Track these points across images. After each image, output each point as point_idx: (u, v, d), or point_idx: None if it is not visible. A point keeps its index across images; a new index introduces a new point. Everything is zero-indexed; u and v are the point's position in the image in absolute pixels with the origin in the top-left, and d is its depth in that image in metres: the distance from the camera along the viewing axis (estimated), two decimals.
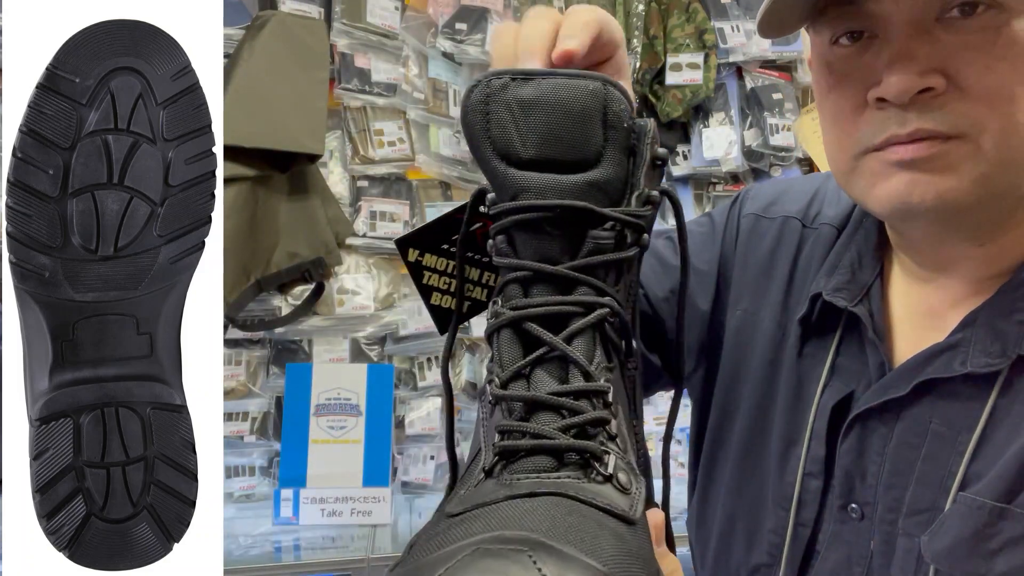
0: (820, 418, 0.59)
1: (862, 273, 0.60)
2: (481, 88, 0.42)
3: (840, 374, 0.59)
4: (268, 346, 1.70)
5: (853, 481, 0.57)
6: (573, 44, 0.42)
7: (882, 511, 0.54)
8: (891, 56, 0.47)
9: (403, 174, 1.79)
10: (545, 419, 0.38)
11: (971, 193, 0.47)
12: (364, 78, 1.71)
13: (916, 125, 0.47)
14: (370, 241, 1.73)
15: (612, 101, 0.41)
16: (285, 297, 1.67)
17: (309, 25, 1.63)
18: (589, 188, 0.41)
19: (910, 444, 0.54)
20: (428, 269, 0.56)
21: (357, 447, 1.62)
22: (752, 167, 1.93)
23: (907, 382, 0.54)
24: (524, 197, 0.41)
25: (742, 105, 1.95)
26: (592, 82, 0.41)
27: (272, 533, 1.57)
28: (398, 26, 1.75)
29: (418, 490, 1.74)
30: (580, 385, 0.39)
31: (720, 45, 1.88)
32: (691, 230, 0.74)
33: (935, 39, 0.47)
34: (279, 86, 1.54)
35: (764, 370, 0.65)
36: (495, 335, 0.42)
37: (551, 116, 0.40)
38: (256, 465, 1.69)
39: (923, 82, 0.46)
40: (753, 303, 0.67)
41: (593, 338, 0.41)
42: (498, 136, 0.41)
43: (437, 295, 0.56)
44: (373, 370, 1.67)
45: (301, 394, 1.64)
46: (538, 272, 0.41)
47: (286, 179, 1.61)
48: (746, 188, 0.75)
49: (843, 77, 0.52)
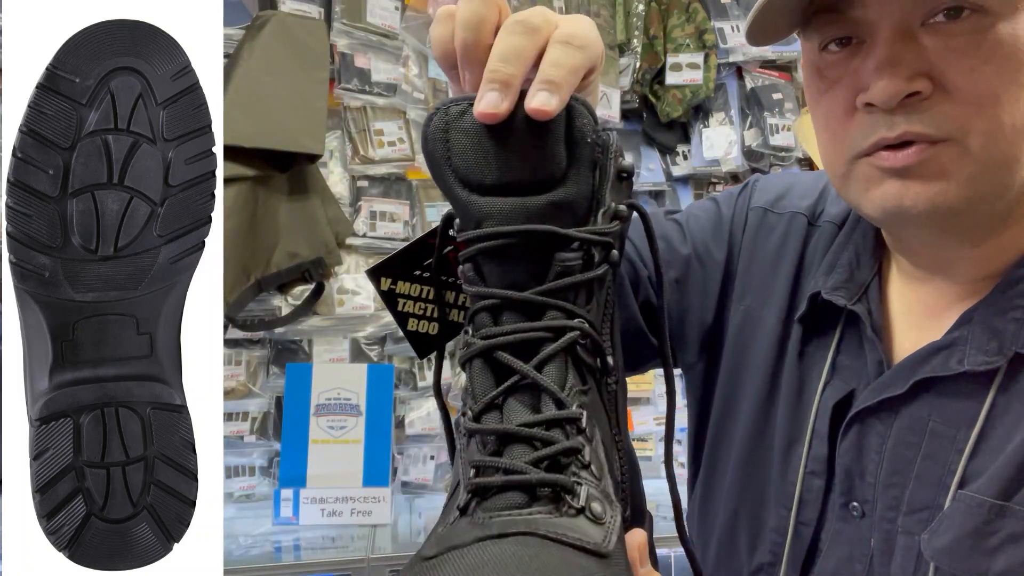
0: (821, 417, 0.59)
1: (860, 272, 0.61)
2: (440, 116, 0.41)
3: (841, 373, 0.60)
4: (268, 346, 1.70)
5: (853, 479, 0.57)
6: (553, 104, 0.39)
7: (881, 509, 0.54)
8: (878, 62, 0.48)
9: (403, 174, 1.79)
10: (517, 452, 0.38)
11: (962, 196, 0.48)
12: (364, 78, 1.71)
13: (904, 128, 0.47)
14: (370, 241, 1.73)
15: (574, 116, 0.40)
16: (285, 297, 1.66)
17: (309, 25, 1.63)
18: (554, 209, 0.40)
19: (909, 442, 0.54)
20: (402, 296, 0.55)
21: (357, 447, 1.62)
22: (752, 167, 1.93)
23: (905, 380, 0.54)
24: (488, 224, 0.40)
25: (742, 105, 1.95)
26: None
27: (272, 533, 1.57)
28: (398, 26, 1.75)
29: (418, 490, 1.74)
30: (552, 414, 0.39)
31: (720, 45, 1.88)
32: (696, 214, 0.73)
33: (921, 44, 0.47)
34: (279, 86, 1.54)
35: (766, 369, 0.65)
36: (467, 365, 0.42)
37: (511, 139, 0.39)
38: (256, 465, 1.69)
39: (910, 86, 0.47)
40: (757, 300, 0.67)
41: (565, 363, 0.40)
42: (459, 163, 0.40)
43: (414, 321, 0.56)
44: (373, 370, 1.67)
45: (301, 394, 1.64)
46: (505, 299, 0.41)
47: (286, 179, 1.61)
48: (754, 178, 0.75)
49: (833, 83, 0.52)
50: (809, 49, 0.55)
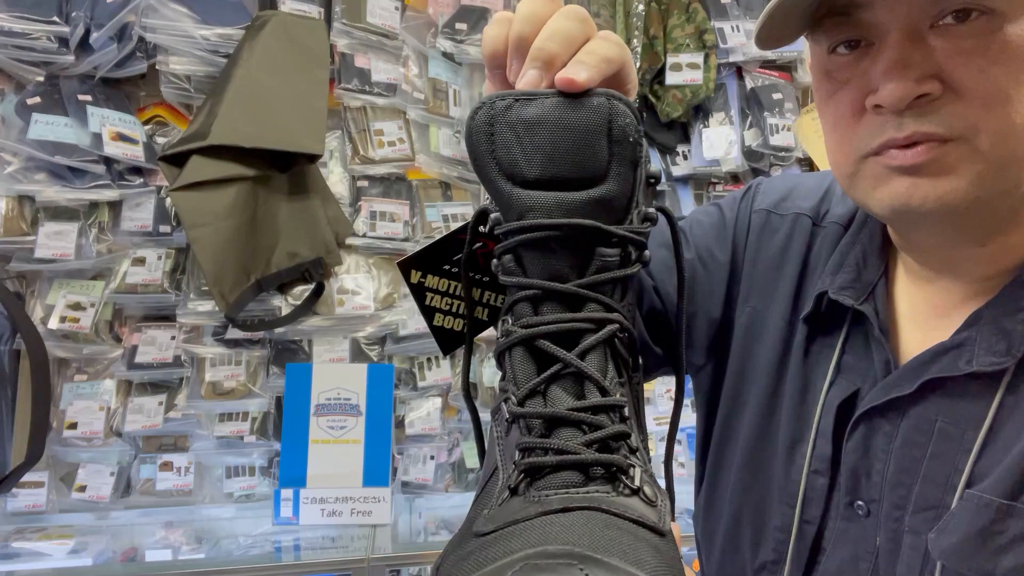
0: (826, 416, 0.60)
1: (867, 272, 0.61)
2: (485, 110, 0.42)
3: (846, 372, 0.60)
4: (268, 346, 1.70)
5: (859, 479, 0.57)
6: (583, 76, 0.41)
7: (888, 508, 0.55)
8: (887, 64, 0.48)
9: (403, 174, 1.79)
10: (567, 435, 0.39)
11: (970, 194, 0.48)
12: (364, 78, 1.71)
13: (913, 128, 0.48)
14: (370, 241, 1.73)
15: (617, 116, 0.41)
16: (285, 297, 1.66)
17: (309, 25, 1.63)
18: (595, 205, 0.41)
19: (916, 442, 0.54)
20: (431, 290, 0.56)
21: (357, 447, 1.62)
22: (752, 167, 1.93)
23: (912, 380, 0.54)
24: (531, 216, 0.41)
25: (742, 105, 1.95)
26: (596, 98, 0.41)
27: (272, 533, 1.57)
28: (398, 26, 1.75)
29: (418, 490, 1.74)
30: (597, 400, 0.40)
31: (720, 45, 1.88)
32: (699, 220, 0.74)
33: (929, 46, 0.47)
34: (279, 86, 1.54)
35: (771, 369, 0.65)
36: (507, 354, 0.43)
37: (555, 135, 0.40)
38: (256, 465, 1.69)
39: (919, 88, 0.47)
40: (762, 301, 0.68)
41: (605, 354, 0.41)
42: (503, 157, 0.41)
43: (440, 316, 0.57)
44: (373, 370, 1.67)
45: (301, 394, 1.64)
46: (548, 290, 0.42)
47: (286, 179, 1.61)
48: (756, 181, 0.75)
49: (842, 84, 0.53)
50: (818, 52, 0.55)
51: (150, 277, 1.61)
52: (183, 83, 1.62)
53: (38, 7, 1.48)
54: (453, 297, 0.56)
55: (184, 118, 1.67)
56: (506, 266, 0.43)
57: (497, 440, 0.42)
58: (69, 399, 1.60)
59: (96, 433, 1.59)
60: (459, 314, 0.56)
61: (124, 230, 1.61)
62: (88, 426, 1.58)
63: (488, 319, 0.55)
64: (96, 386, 1.62)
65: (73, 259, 1.56)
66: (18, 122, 1.52)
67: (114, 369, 1.63)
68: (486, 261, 0.52)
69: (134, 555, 1.54)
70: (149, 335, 1.64)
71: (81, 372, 1.63)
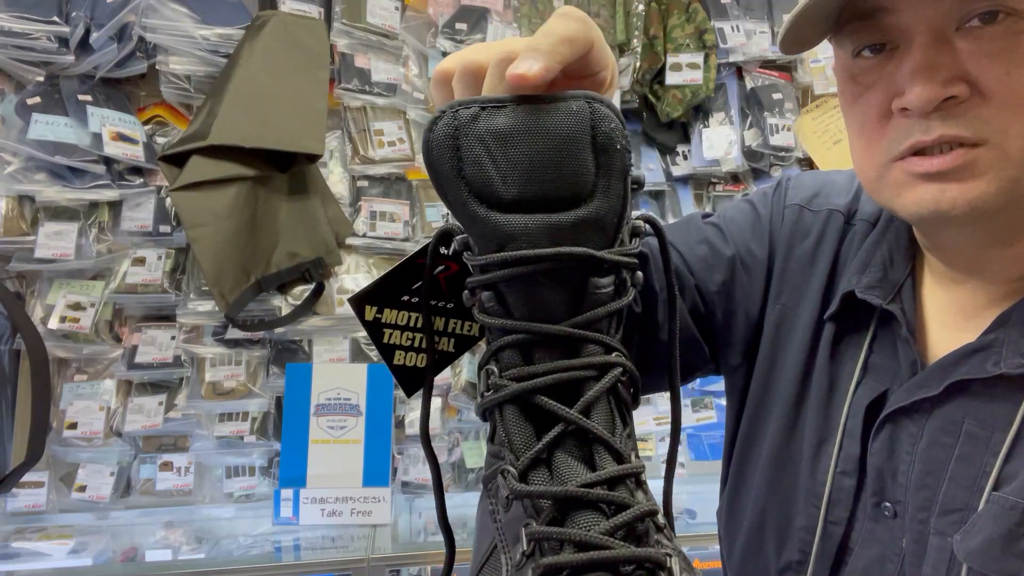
0: (853, 417, 0.59)
1: (894, 271, 0.61)
2: (447, 120, 0.36)
3: (873, 372, 0.60)
4: (268, 346, 1.70)
5: (885, 480, 0.57)
6: (535, 68, 0.36)
7: (913, 510, 0.54)
8: (913, 67, 0.48)
9: (403, 174, 1.79)
10: (585, 520, 0.33)
11: (1000, 198, 0.48)
12: (364, 78, 1.71)
13: (940, 132, 0.47)
14: (370, 241, 1.73)
15: (600, 121, 0.36)
16: (285, 297, 1.66)
17: (309, 25, 1.63)
18: (585, 227, 0.36)
19: (942, 444, 0.53)
20: (388, 326, 0.51)
21: (357, 447, 1.62)
22: (752, 167, 1.93)
23: (939, 382, 0.54)
24: (514, 246, 0.35)
25: (742, 105, 1.95)
26: (574, 102, 0.35)
27: (272, 533, 1.57)
28: (398, 26, 1.75)
29: (418, 490, 1.74)
30: (614, 470, 0.34)
31: (720, 45, 1.88)
32: (734, 217, 0.72)
33: (955, 48, 0.47)
34: (279, 86, 1.54)
35: (798, 368, 0.65)
36: (496, 411, 0.37)
37: (533, 147, 0.35)
38: (256, 465, 1.69)
39: (946, 91, 0.47)
40: (793, 298, 0.67)
41: (610, 405, 0.37)
42: (474, 175, 0.35)
43: (400, 353, 0.51)
44: (373, 370, 1.67)
45: (301, 394, 1.64)
46: (541, 334, 0.36)
47: (286, 179, 1.61)
48: (786, 176, 0.74)
49: (866, 88, 0.52)
50: (842, 56, 0.55)
51: (150, 277, 1.61)
52: (183, 83, 1.62)
53: (38, 7, 1.48)
54: (414, 331, 0.51)
55: (184, 118, 1.67)
56: (485, 304, 0.38)
57: (492, 514, 0.37)
58: (69, 399, 1.60)
59: (96, 433, 1.59)
60: (421, 348, 0.51)
61: (124, 230, 1.61)
62: (88, 426, 1.58)
63: (455, 350, 0.50)
64: (96, 386, 1.62)
65: (73, 259, 1.56)
66: (18, 122, 1.52)
67: (114, 369, 1.63)
68: (449, 286, 0.48)
69: (134, 555, 1.54)
70: (149, 335, 1.64)
71: (81, 372, 1.63)
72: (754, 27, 1.91)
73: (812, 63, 1.95)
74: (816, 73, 1.94)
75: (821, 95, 1.96)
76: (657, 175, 1.93)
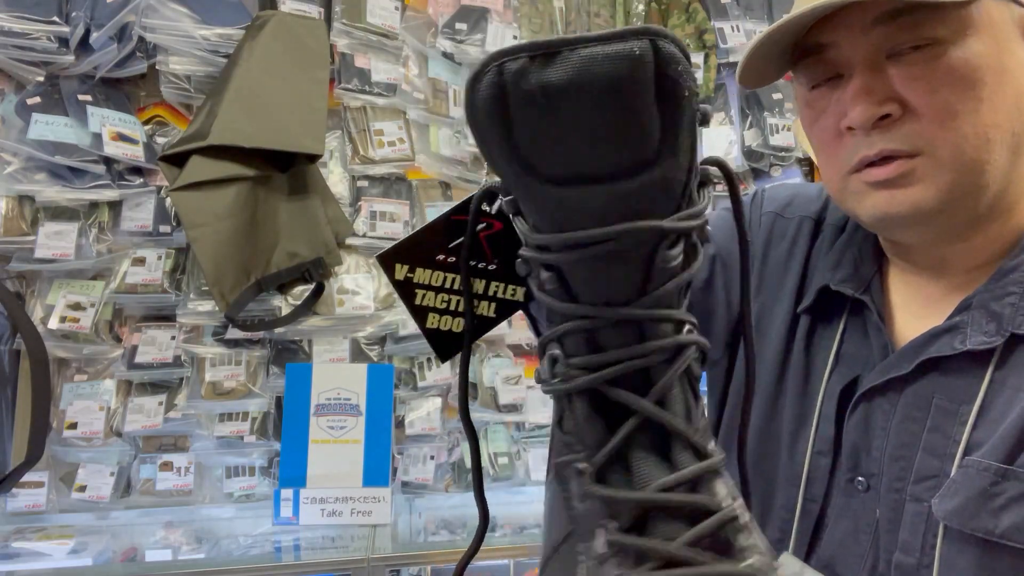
0: (828, 401, 0.65)
1: (864, 268, 0.67)
2: (492, 76, 0.30)
3: (845, 360, 0.65)
4: (268, 346, 1.70)
5: (859, 455, 0.62)
6: None
7: (888, 480, 0.59)
8: (853, 91, 0.56)
9: (403, 174, 1.79)
10: (668, 529, 0.31)
11: (940, 199, 0.55)
12: (364, 78, 1.71)
13: (881, 146, 0.55)
14: (370, 241, 1.73)
15: (668, 64, 0.30)
16: (285, 297, 1.66)
17: (309, 25, 1.63)
18: (652, 191, 0.32)
19: (915, 417, 0.59)
20: (421, 287, 0.47)
21: (357, 447, 1.62)
22: (752, 167, 1.93)
23: (910, 361, 0.59)
24: (575, 223, 0.32)
25: (742, 105, 1.95)
26: (636, 42, 0.29)
27: (272, 533, 1.57)
28: (398, 26, 1.75)
29: (418, 490, 1.74)
30: (696, 468, 0.32)
31: (720, 45, 1.88)
32: (713, 222, 0.72)
33: (888, 74, 0.55)
34: (279, 86, 1.54)
35: (775, 360, 0.70)
36: (566, 400, 0.35)
37: (593, 104, 0.29)
38: (256, 465, 1.69)
39: (880, 110, 0.55)
40: (770, 296, 0.73)
41: (684, 391, 0.34)
42: (525, 143, 0.31)
43: (434, 316, 0.48)
44: (373, 370, 1.67)
45: (301, 394, 1.64)
46: (610, 319, 0.33)
47: (286, 179, 1.61)
48: (760, 189, 0.81)
49: (820, 112, 0.60)
50: (800, 89, 0.63)
51: (150, 277, 1.61)
52: (183, 83, 1.62)
53: (38, 7, 1.48)
54: (450, 293, 0.47)
55: (184, 118, 1.67)
56: (547, 286, 0.34)
57: (566, 500, 0.34)
58: (69, 399, 1.60)
59: (96, 433, 1.59)
60: (458, 312, 0.48)
61: (124, 230, 1.61)
62: (88, 426, 1.58)
63: (496, 315, 0.47)
64: (96, 386, 1.62)
65: (73, 259, 1.56)
66: (18, 122, 1.52)
67: (114, 369, 1.63)
68: (492, 246, 0.44)
69: (134, 555, 1.54)
70: (149, 335, 1.64)
71: (81, 372, 1.63)
72: (754, 27, 1.92)
73: None
74: None
75: None
76: None
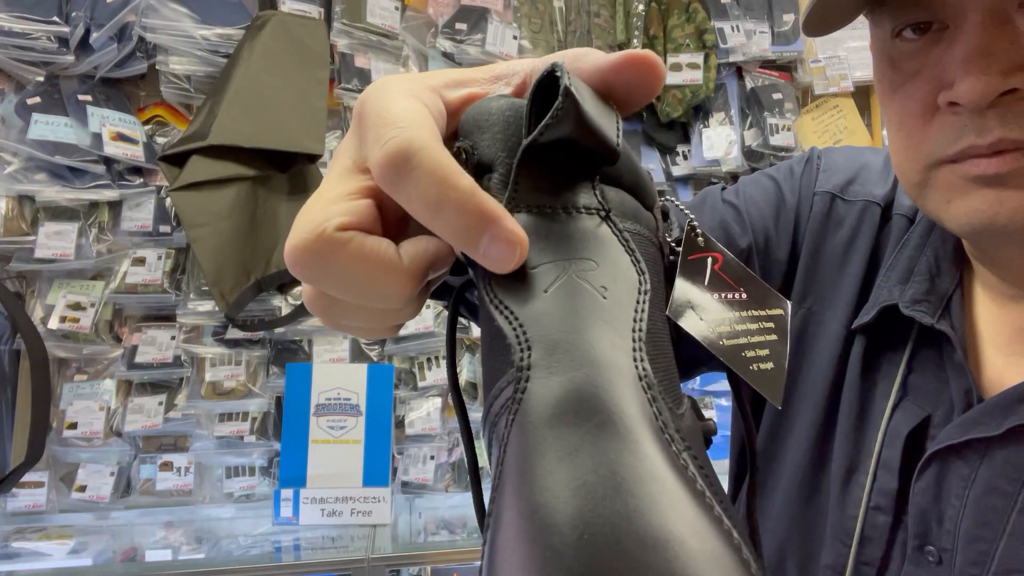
0: (890, 446, 0.51)
1: (941, 281, 0.52)
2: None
3: (914, 395, 0.51)
4: (268, 346, 1.70)
5: (929, 523, 0.49)
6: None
7: (963, 563, 0.46)
8: (966, 53, 0.40)
9: None
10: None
11: None
12: (364, 78, 1.71)
13: (998, 134, 0.40)
14: None
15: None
16: (285, 297, 1.66)
17: (309, 25, 1.63)
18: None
19: (1001, 491, 0.45)
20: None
21: (357, 447, 1.62)
22: (752, 167, 1.93)
23: (999, 421, 0.45)
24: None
25: (742, 105, 1.95)
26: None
27: (272, 533, 1.57)
28: (398, 26, 1.75)
29: (418, 490, 1.74)
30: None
31: (720, 45, 1.88)
32: (753, 197, 0.63)
33: (1018, 30, 0.39)
34: (279, 86, 1.54)
35: (825, 383, 0.56)
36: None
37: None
38: (256, 465, 1.69)
39: (1005, 83, 0.39)
40: (820, 303, 0.58)
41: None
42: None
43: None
44: (373, 370, 1.67)
45: (301, 394, 1.64)
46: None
47: (286, 179, 1.61)
48: (817, 152, 0.64)
49: (909, 76, 0.44)
50: (880, 35, 0.46)
51: (150, 277, 1.61)
52: (183, 83, 1.62)
53: (38, 7, 1.48)
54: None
55: (184, 118, 1.67)
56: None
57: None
58: (69, 399, 1.60)
59: (96, 433, 1.59)
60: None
61: (124, 230, 1.61)
62: (88, 426, 1.58)
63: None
64: (96, 386, 1.62)
65: (73, 259, 1.56)
66: (18, 122, 1.52)
67: (114, 369, 1.63)
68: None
69: (134, 555, 1.54)
70: (149, 335, 1.64)
71: (81, 372, 1.63)
72: (754, 27, 1.92)
73: (812, 63, 1.95)
74: (816, 73, 1.94)
75: (821, 95, 1.96)
76: (657, 175, 1.93)
